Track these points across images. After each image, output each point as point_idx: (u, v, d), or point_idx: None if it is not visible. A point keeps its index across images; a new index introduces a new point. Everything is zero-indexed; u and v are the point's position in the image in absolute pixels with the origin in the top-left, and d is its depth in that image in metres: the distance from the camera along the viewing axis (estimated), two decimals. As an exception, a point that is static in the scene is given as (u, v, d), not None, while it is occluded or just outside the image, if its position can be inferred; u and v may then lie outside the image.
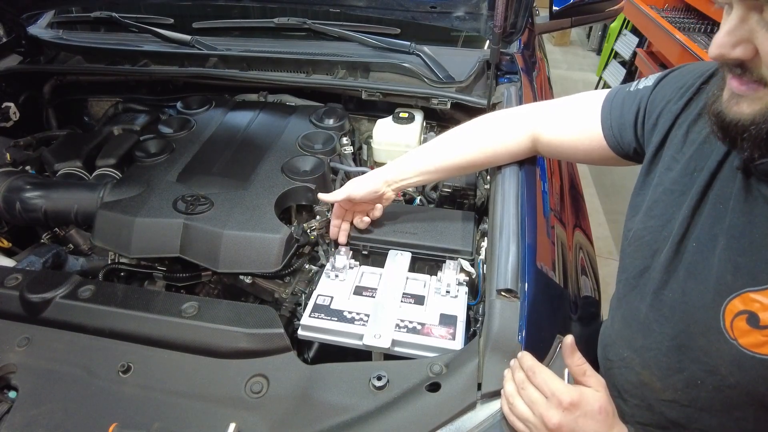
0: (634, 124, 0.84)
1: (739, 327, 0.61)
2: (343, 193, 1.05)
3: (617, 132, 0.87)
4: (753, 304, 0.60)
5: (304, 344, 1.03)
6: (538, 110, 1.02)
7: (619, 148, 0.88)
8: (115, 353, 0.86)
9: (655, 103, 0.81)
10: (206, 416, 0.77)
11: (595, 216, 3.35)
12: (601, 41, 5.70)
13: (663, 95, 0.80)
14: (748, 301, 0.61)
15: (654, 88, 0.82)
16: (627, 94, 0.87)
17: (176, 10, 1.90)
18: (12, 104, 1.58)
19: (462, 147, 1.05)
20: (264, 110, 1.54)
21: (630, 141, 0.85)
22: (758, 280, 0.60)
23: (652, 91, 0.82)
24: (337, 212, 1.10)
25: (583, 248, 1.27)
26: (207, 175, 1.25)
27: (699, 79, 0.75)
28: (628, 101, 0.86)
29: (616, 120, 0.87)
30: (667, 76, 0.82)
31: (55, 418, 0.77)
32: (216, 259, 1.06)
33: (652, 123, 0.80)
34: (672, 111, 0.76)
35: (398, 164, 1.08)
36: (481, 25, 1.44)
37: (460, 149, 1.05)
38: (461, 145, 1.05)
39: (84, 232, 1.32)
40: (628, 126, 0.85)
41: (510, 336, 0.77)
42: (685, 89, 0.76)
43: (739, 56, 0.53)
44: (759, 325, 0.59)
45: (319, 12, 1.79)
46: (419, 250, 1.12)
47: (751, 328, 0.60)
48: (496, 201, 1.02)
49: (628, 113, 0.85)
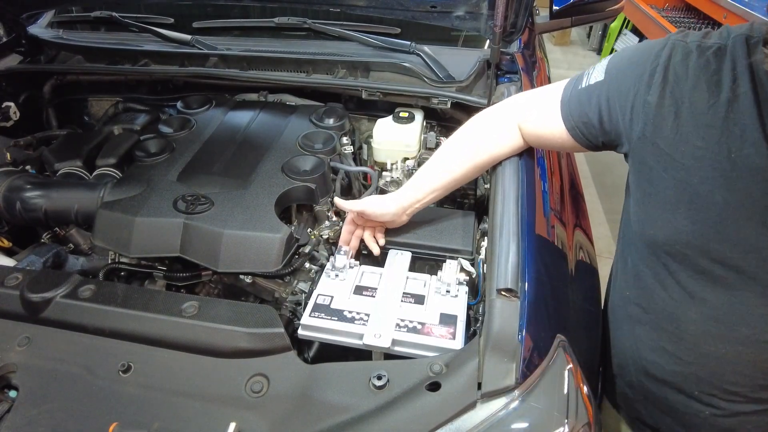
0: (599, 122, 0.86)
1: None
2: (359, 206, 1.07)
3: (583, 130, 0.90)
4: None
5: (304, 344, 1.03)
6: (517, 103, 1.04)
7: (588, 143, 0.91)
8: (115, 353, 0.86)
9: (621, 98, 0.82)
10: (206, 416, 0.77)
11: (596, 215, 3.35)
12: (601, 41, 5.70)
13: (625, 89, 0.81)
14: None
15: (608, 83, 0.85)
16: (580, 92, 0.90)
17: (176, 9, 1.90)
18: (12, 104, 1.58)
19: (465, 156, 1.05)
20: (264, 110, 1.54)
21: (597, 136, 0.88)
22: None
23: (607, 86, 0.85)
24: (350, 222, 1.13)
25: (584, 248, 1.27)
26: (207, 174, 1.25)
27: (655, 61, 0.77)
28: (584, 100, 0.88)
29: (578, 119, 0.90)
30: (616, 67, 0.85)
31: (56, 418, 0.77)
32: (216, 258, 1.06)
33: (628, 118, 0.81)
34: (650, 102, 0.77)
35: (412, 188, 1.08)
36: (482, 25, 1.44)
37: (464, 159, 1.05)
38: (464, 155, 1.06)
39: (84, 232, 1.32)
40: (594, 125, 0.87)
41: (510, 335, 0.77)
42: (648, 76, 0.78)
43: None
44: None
45: (319, 12, 1.79)
46: (419, 249, 1.12)
47: None
48: (496, 200, 1.02)
49: (590, 112, 0.87)
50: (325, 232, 1.16)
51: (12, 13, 1.62)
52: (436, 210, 1.26)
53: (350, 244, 1.12)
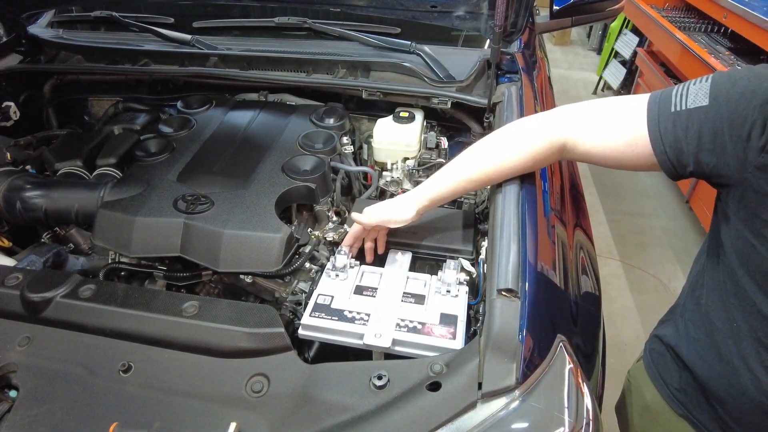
0: (696, 151, 0.80)
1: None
2: (379, 218, 1.04)
3: (673, 157, 0.82)
4: None
5: (304, 344, 1.03)
6: (569, 117, 0.96)
7: (673, 170, 0.84)
8: (115, 352, 0.86)
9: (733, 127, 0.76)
10: (207, 415, 0.77)
11: (596, 216, 3.35)
12: (601, 41, 5.70)
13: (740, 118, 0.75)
14: None
15: (715, 110, 0.78)
16: (675, 116, 0.81)
17: (176, 9, 1.90)
18: (12, 104, 1.58)
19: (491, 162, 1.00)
20: (264, 110, 1.54)
21: (687, 164, 0.81)
22: None
23: (714, 113, 0.78)
24: (360, 231, 1.09)
25: (584, 248, 1.27)
26: (207, 174, 1.25)
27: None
28: (680, 125, 0.81)
29: (671, 145, 0.82)
30: (726, 94, 0.77)
31: (56, 418, 0.77)
32: (216, 258, 1.06)
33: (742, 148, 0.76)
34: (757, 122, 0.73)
35: (430, 189, 1.04)
36: (482, 25, 1.44)
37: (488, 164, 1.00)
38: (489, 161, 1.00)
39: (84, 232, 1.32)
40: (689, 153, 0.80)
41: (510, 335, 0.77)
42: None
43: None
44: None
45: (319, 11, 1.79)
46: (420, 249, 1.12)
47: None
48: (496, 200, 1.02)
49: (687, 139, 0.80)
50: (329, 234, 1.16)
51: (12, 13, 1.62)
52: (436, 210, 1.26)
53: (352, 248, 1.11)
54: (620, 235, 3.22)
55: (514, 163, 0.99)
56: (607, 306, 1.11)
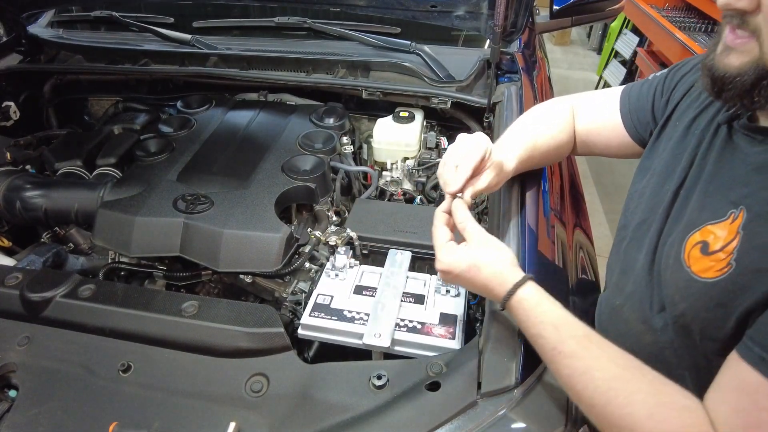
0: (652, 106, 0.90)
1: (694, 255, 0.67)
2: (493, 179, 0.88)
3: (635, 116, 0.92)
4: (709, 235, 0.66)
5: (304, 343, 1.03)
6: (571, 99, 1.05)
7: (635, 132, 0.93)
8: (115, 352, 0.86)
9: (673, 80, 0.87)
10: (206, 415, 0.77)
11: (595, 215, 3.35)
12: (601, 40, 5.70)
13: (680, 72, 0.87)
14: (705, 233, 0.67)
15: (668, 73, 0.90)
16: (643, 82, 0.94)
17: (176, 9, 1.90)
18: (12, 103, 1.58)
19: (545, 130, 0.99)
20: (264, 109, 1.54)
21: (647, 122, 0.91)
22: (717, 215, 0.66)
23: (667, 75, 0.90)
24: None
25: (584, 247, 1.27)
26: (207, 174, 1.25)
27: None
28: (644, 88, 0.92)
29: (634, 105, 0.92)
30: (684, 61, 0.90)
31: (56, 417, 0.77)
32: (216, 258, 1.06)
33: (666, 98, 0.87)
34: (687, 82, 0.84)
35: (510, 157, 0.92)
36: (482, 25, 1.44)
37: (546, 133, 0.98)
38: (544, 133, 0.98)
39: (84, 232, 1.32)
40: (647, 108, 0.90)
41: (510, 335, 0.77)
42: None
43: (743, 6, 0.58)
44: (708, 251, 0.65)
45: (319, 11, 1.79)
46: (420, 249, 1.12)
47: (702, 255, 0.66)
48: (496, 200, 1.01)
49: (645, 97, 0.91)
50: (332, 238, 1.15)
51: (12, 13, 1.62)
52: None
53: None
54: (620, 235, 3.22)
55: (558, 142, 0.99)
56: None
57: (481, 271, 0.75)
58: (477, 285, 0.76)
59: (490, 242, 0.78)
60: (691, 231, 0.69)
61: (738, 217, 0.63)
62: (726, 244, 0.63)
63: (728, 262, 0.62)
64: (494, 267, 0.74)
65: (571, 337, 0.67)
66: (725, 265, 0.62)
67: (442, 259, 0.78)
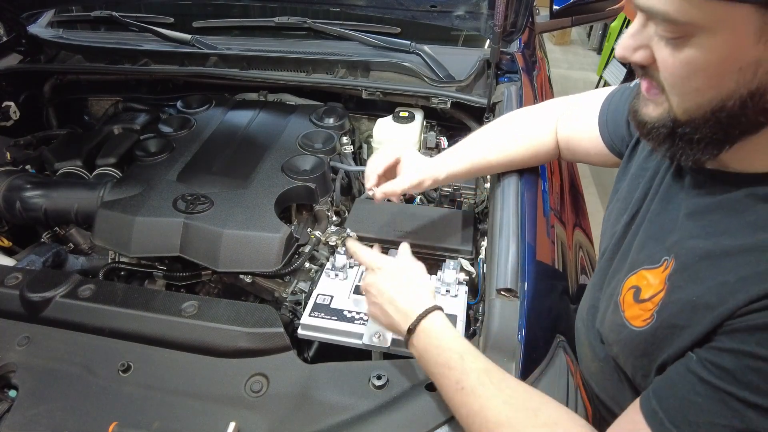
0: (627, 120, 0.84)
1: (627, 300, 0.66)
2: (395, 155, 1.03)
3: (611, 128, 0.87)
4: (642, 280, 0.64)
5: (304, 343, 1.03)
6: (555, 106, 1.02)
7: (612, 144, 0.87)
8: (115, 352, 0.86)
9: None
10: (206, 415, 0.77)
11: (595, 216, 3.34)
12: (601, 40, 5.70)
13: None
14: (640, 278, 0.65)
15: None
16: (624, 90, 0.87)
17: (176, 9, 1.90)
18: (12, 103, 1.58)
19: (497, 144, 1.02)
20: (264, 109, 1.54)
21: (623, 136, 0.85)
22: (653, 260, 0.64)
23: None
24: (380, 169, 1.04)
25: (583, 247, 1.27)
26: (207, 174, 1.25)
27: None
28: (624, 97, 0.86)
29: (611, 116, 0.87)
30: None
31: (56, 417, 0.77)
32: (216, 258, 1.06)
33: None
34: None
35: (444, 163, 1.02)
36: (482, 25, 1.44)
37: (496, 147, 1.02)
38: (496, 143, 1.02)
39: (84, 231, 1.32)
40: (621, 122, 0.85)
41: (510, 335, 0.77)
42: None
43: (639, 61, 0.55)
44: (639, 298, 0.64)
45: (319, 11, 1.79)
46: (419, 249, 1.12)
47: (634, 301, 0.65)
48: (496, 200, 1.01)
49: (622, 109, 0.85)
50: (332, 239, 1.15)
51: (12, 13, 1.62)
52: (436, 210, 1.26)
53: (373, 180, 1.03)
54: (620, 235, 3.22)
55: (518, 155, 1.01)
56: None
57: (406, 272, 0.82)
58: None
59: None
60: (630, 273, 0.67)
61: (668, 267, 0.60)
62: (654, 294, 0.61)
63: (652, 313, 0.60)
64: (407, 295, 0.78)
65: (473, 369, 0.66)
66: (649, 316, 0.61)
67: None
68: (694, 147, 0.55)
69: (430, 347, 0.71)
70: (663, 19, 0.48)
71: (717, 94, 0.50)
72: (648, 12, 0.50)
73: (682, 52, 0.49)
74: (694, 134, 0.54)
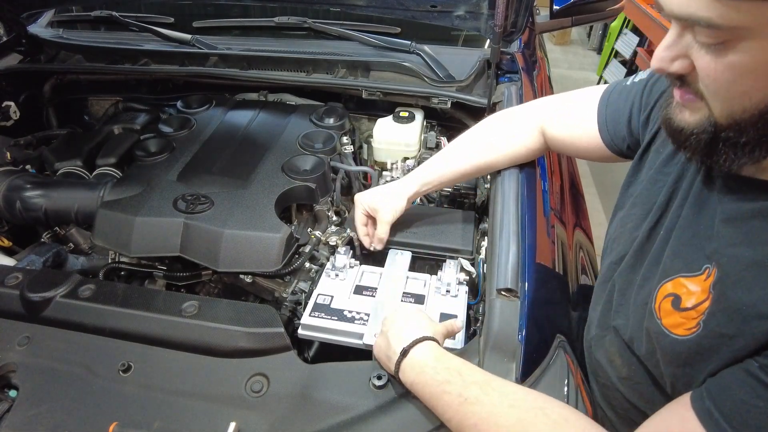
0: (629, 119, 0.84)
1: (665, 308, 0.65)
2: (367, 206, 1.08)
3: (611, 128, 0.87)
4: (681, 288, 0.63)
5: (304, 343, 1.03)
6: (545, 104, 1.04)
7: (612, 143, 0.88)
8: (115, 352, 0.86)
9: (651, 95, 0.81)
10: (206, 415, 0.77)
11: (595, 216, 3.35)
12: (601, 40, 5.70)
13: (658, 87, 0.80)
14: (678, 286, 0.64)
15: (648, 81, 0.83)
16: (622, 88, 0.88)
17: (176, 9, 1.90)
18: (12, 103, 1.58)
19: (479, 151, 1.06)
20: (264, 109, 1.54)
21: (623, 136, 0.86)
22: (691, 268, 0.63)
23: (646, 83, 0.83)
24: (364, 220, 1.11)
25: (584, 247, 1.27)
26: (207, 174, 1.25)
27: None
28: (623, 96, 0.86)
29: (611, 115, 0.87)
30: (657, 74, 0.82)
31: (56, 417, 0.77)
32: (216, 258, 1.06)
33: (646, 115, 0.81)
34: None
35: (418, 179, 1.09)
36: (482, 24, 1.44)
37: (478, 154, 1.06)
38: (478, 150, 1.06)
39: (84, 231, 1.32)
40: (622, 121, 0.85)
41: (510, 335, 0.77)
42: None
43: (677, 71, 0.55)
44: (680, 307, 0.63)
45: (319, 11, 1.79)
46: (419, 249, 1.12)
47: (673, 309, 0.64)
48: (496, 200, 1.02)
49: (622, 108, 0.85)
50: (332, 239, 1.15)
51: (12, 13, 1.62)
52: (436, 210, 1.26)
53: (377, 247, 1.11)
54: (620, 235, 3.22)
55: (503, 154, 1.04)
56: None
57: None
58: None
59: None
60: (664, 280, 0.66)
61: (711, 275, 0.59)
62: (698, 303, 0.60)
63: (698, 322, 0.60)
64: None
65: (473, 383, 0.67)
66: (694, 325, 0.60)
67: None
68: (738, 151, 0.55)
69: (427, 368, 0.71)
70: (706, 25, 0.48)
71: (766, 95, 0.50)
72: (688, 20, 0.49)
73: (726, 57, 0.49)
74: (739, 138, 0.54)
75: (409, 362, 0.73)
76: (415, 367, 0.72)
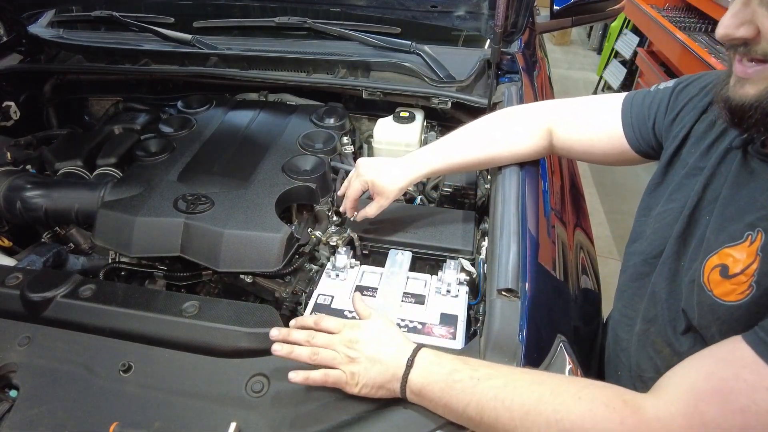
0: (654, 121, 0.89)
1: (714, 279, 0.68)
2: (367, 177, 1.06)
3: (637, 129, 0.92)
4: (727, 258, 0.67)
5: (304, 343, 1.02)
6: (555, 107, 1.05)
7: (638, 145, 0.92)
8: (115, 352, 0.86)
9: (678, 100, 0.87)
10: (207, 415, 0.77)
11: (596, 215, 3.35)
12: (601, 40, 5.70)
13: (686, 93, 0.86)
14: (723, 256, 0.68)
15: (675, 88, 0.89)
16: (647, 94, 0.93)
17: (177, 9, 1.90)
18: (12, 103, 1.58)
19: (479, 143, 1.06)
20: (264, 109, 1.54)
21: (649, 138, 0.90)
22: (734, 237, 0.67)
23: (673, 90, 0.89)
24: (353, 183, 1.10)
25: (584, 247, 1.27)
26: (208, 174, 1.25)
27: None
28: (647, 100, 0.92)
29: (636, 117, 0.92)
30: (688, 79, 0.89)
31: (56, 417, 0.77)
32: (217, 258, 1.06)
33: (671, 118, 0.86)
34: (697, 107, 0.83)
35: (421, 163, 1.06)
36: (482, 25, 1.44)
37: (478, 145, 1.06)
38: (478, 141, 1.06)
39: (85, 231, 1.32)
40: (647, 123, 0.90)
41: (510, 335, 0.77)
42: (709, 88, 0.82)
43: (743, 35, 0.58)
44: (728, 274, 0.66)
45: (319, 11, 1.79)
46: (420, 249, 1.12)
47: (722, 278, 0.67)
48: (496, 200, 1.02)
49: (649, 111, 0.90)
50: (333, 239, 1.15)
51: (12, 13, 1.62)
52: (436, 210, 1.26)
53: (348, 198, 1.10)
54: (620, 235, 3.22)
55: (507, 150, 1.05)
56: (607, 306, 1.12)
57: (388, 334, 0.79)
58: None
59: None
60: (709, 254, 0.69)
61: (756, 240, 0.64)
62: (746, 267, 0.64)
63: (749, 284, 0.63)
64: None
65: (480, 365, 0.72)
66: (747, 288, 0.63)
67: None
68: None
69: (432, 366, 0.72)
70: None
71: None
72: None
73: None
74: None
75: (416, 371, 0.73)
76: (422, 371, 0.72)
